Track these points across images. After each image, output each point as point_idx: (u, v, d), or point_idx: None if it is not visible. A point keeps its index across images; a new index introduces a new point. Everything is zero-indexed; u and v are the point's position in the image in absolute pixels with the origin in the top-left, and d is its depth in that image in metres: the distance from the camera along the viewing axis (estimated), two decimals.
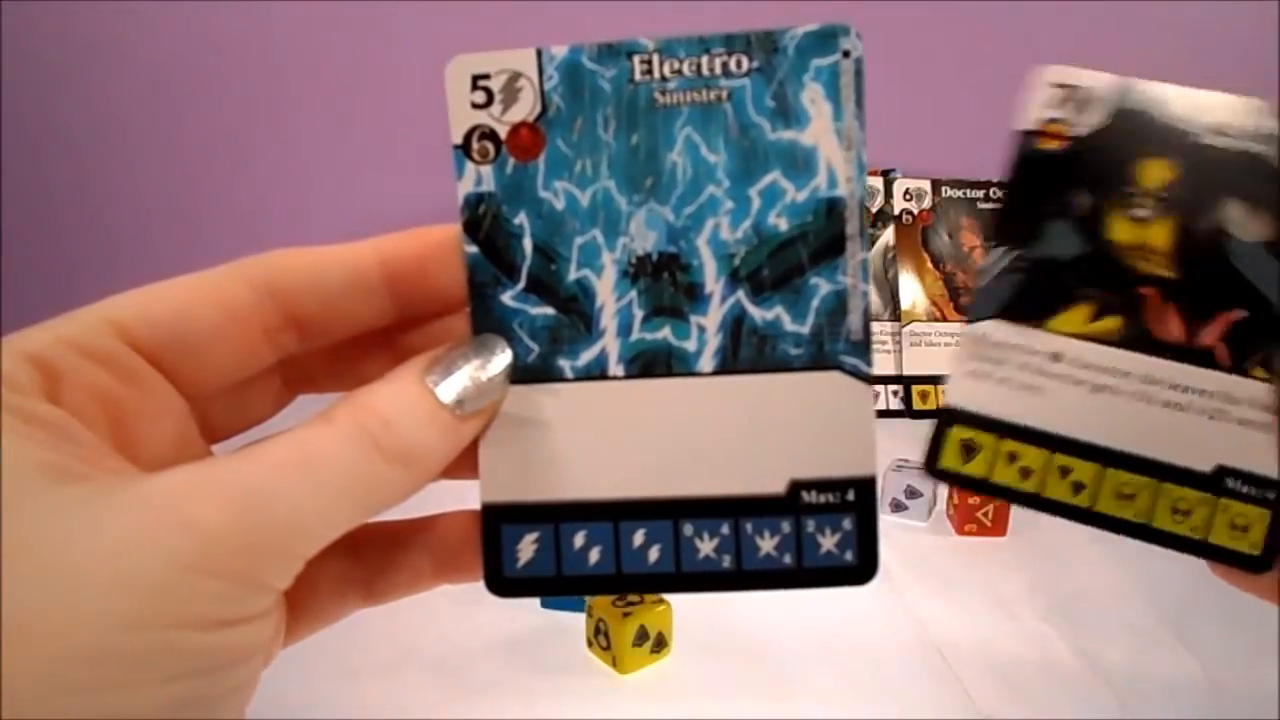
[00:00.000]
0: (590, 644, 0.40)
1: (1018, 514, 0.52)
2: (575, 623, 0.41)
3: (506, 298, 0.21)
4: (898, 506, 0.54)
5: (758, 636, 0.42)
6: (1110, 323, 0.23)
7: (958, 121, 0.79)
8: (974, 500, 0.52)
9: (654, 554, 0.21)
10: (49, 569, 0.14)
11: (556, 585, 0.21)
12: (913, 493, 0.54)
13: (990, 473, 0.23)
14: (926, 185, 0.76)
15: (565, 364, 0.21)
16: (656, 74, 0.21)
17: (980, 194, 0.77)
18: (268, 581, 0.16)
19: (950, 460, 0.24)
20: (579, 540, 0.21)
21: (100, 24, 0.72)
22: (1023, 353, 0.23)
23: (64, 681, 0.14)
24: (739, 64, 0.21)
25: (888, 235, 0.75)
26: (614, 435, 0.21)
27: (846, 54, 0.20)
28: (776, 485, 0.21)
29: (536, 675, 0.38)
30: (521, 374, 0.21)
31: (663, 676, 0.39)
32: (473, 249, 0.20)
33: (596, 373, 0.21)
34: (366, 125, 0.76)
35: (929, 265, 0.75)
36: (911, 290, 0.74)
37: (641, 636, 0.38)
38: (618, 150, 0.21)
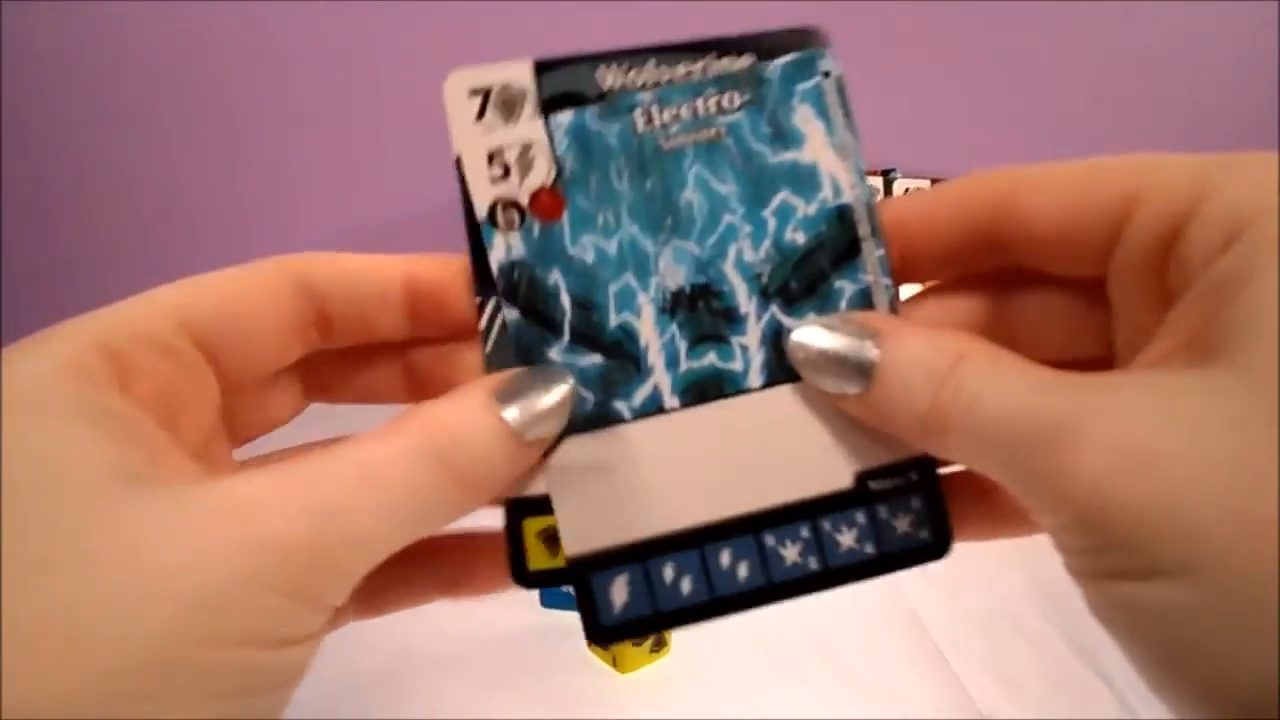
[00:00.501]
0: (590, 644, 0.40)
1: None
2: (575, 622, 0.41)
3: (554, 354, 0.21)
4: None
5: (757, 636, 0.42)
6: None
7: (958, 121, 0.79)
8: None
9: (743, 571, 0.22)
10: (116, 577, 0.13)
11: (655, 623, 0.22)
12: None
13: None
14: (926, 185, 0.76)
15: (622, 406, 0.21)
16: (657, 123, 0.22)
17: None
18: (328, 599, 0.16)
19: (538, 559, 0.22)
20: (669, 573, 0.22)
21: (100, 24, 0.72)
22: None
23: (118, 692, 0.13)
24: (731, 100, 0.22)
25: None
26: (681, 464, 0.21)
27: (827, 74, 0.22)
28: (844, 480, 0.21)
29: (536, 675, 0.38)
30: (582, 424, 0.21)
31: (663, 676, 0.39)
32: (514, 313, 0.21)
33: (653, 409, 0.21)
34: (363, 126, 0.76)
35: None
36: (912, 290, 0.74)
37: None
38: (635, 198, 0.22)
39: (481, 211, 0.21)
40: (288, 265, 0.19)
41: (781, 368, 0.21)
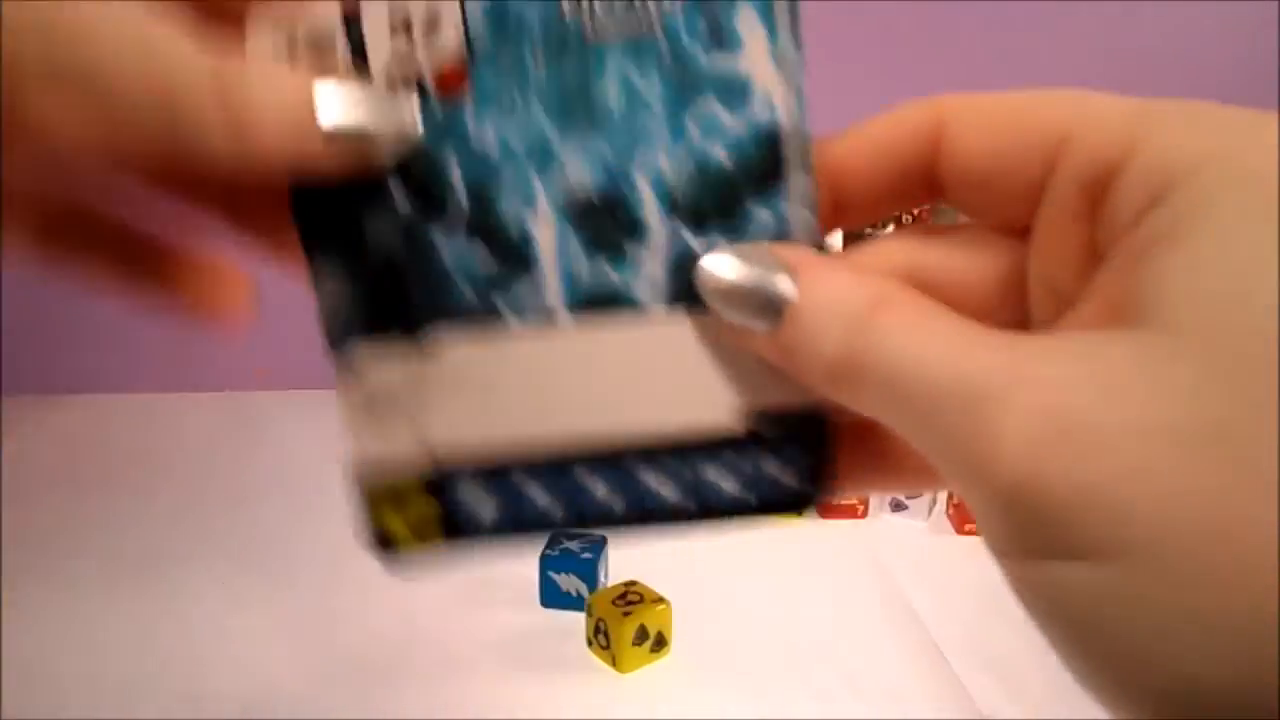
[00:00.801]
0: (590, 643, 0.40)
1: None
2: (575, 622, 0.41)
3: (443, 243, 0.20)
4: (898, 506, 0.54)
5: (758, 636, 0.42)
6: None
7: None
8: None
9: (617, 501, 0.21)
10: None
11: (516, 535, 0.21)
12: (913, 492, 0.54)
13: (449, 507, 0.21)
14: None
15: (509, 311, 0.20)
16: (586, 8, 0.19)
17: None
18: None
19: (394, 523, 0.21)
20: (538, 487, 0.21)
21: None
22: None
23: None
24: None
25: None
26: (564, 381, 0.20)
27: None
28: (732, 419, 0.20)
29: (536, 675, 0.38)
30: (466, 322, 0.20)
31: (662, 676, 0.39)
32: (405, 200, 0.19)
33: (541, 318, 0.20)
34: None
35: None
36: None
37: (641, 636, 0.38)
38: (549, 88, 0.19)
39: (377, 78, 0.19)
40: None
41: (682, 291, 0.20)
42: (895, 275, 0.17)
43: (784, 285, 0.17)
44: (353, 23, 0.19)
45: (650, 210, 0.20)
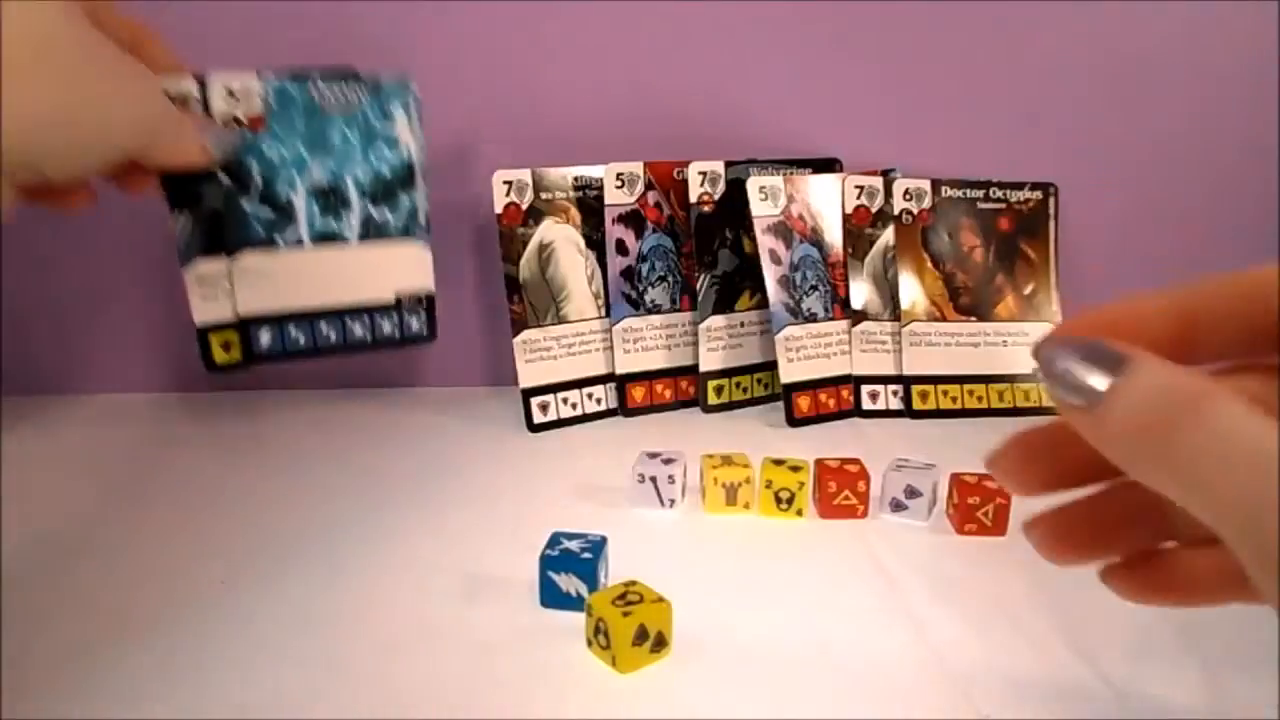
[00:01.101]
0: (590, 644, 0.40)
1: (1018, 514, 0.52)
2: (575, 622, 0.41)
3: (246, 205, 0.48)
4: (898, 506, 0.54)
5: (758, 636, 0.42)
6: None
7: (958, 121, 0.79)
8: (974, 500, 0.52)
9: (333, 335, 0.51)
10: None
11: (283, 358, 0.50)
12: (912, 492, 0.54)
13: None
14: (926, 185, 0.76)
15: (280, 240, 0.49)
16: (327, 97, 0.49)
17: (980, 194, 0.77)
18: None
19: (218, 353, 0.48)
20: (293, 329, 0.50)
21: None
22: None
23: None
24: (363, 93, 0.50)
25: (888, 235, 0.75)
26: (307, 275, 0.50)
27: (413, 93, 0.52)
28: (389, 295, 0.52)
29: (536, 675, 0.38)
30: (257, 247, 0.48)
31: (662, 676, 0.39)
32: (227, 181, 0.47)
33: (295, 243, 0.49)
34: None
35: (929, 265, 0.75)
36: (911, 290, 0.74)
37: (641, 636, 0.38)
38: (305, 131, 0.49)
39: (217, 119, 0.46)
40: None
41: (368, 234, 0.51)
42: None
43: (1100, 379, 0.19)
44: (203, 88, 0.46)
45: (354, 195, 0.50)
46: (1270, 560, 0.15)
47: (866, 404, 0.73)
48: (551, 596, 0.43)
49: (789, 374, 0.71)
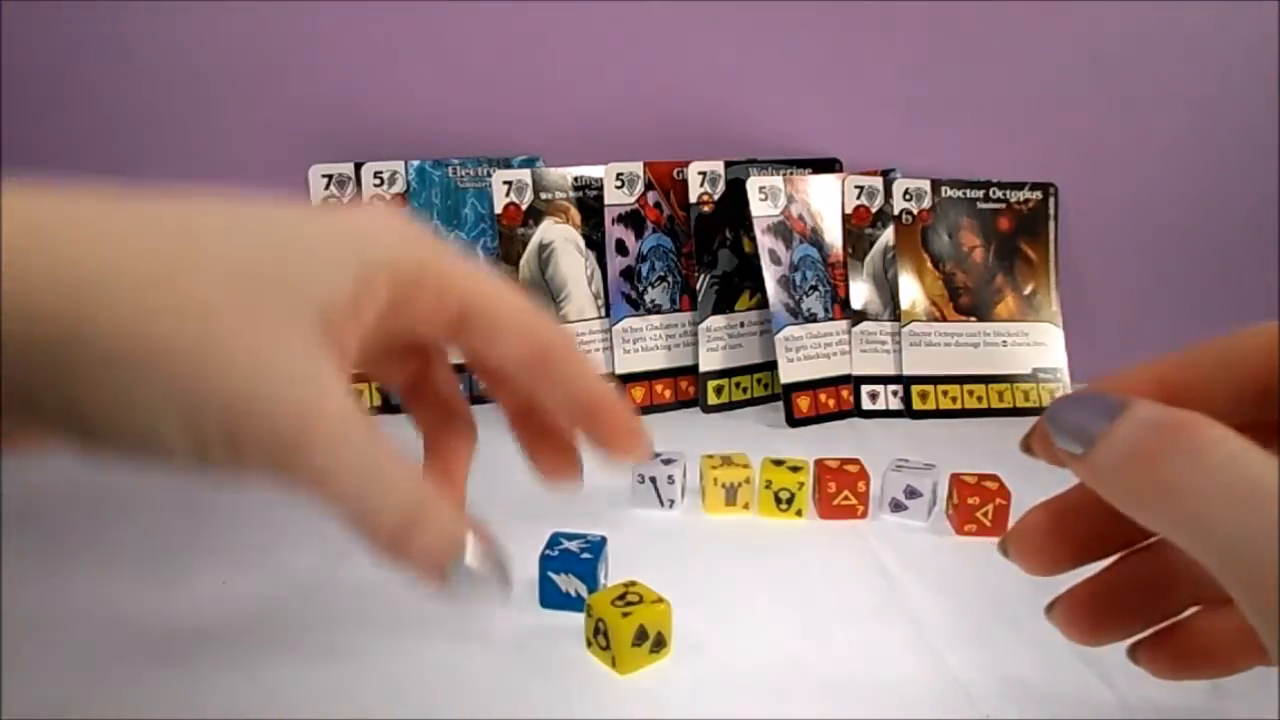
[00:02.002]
0: (589, 644, 0.40)
1: (1018, 514, 0.52)
2: (575, 623, 0.41)
3: None
4: (897, 506, 0.54)
5: (757, 636, 0.42)
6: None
7: (958, 121, 0.79)
8: (974, 500, 0.52)
9: None
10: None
11: None
12: (912, 492, 0.54)
13: None
14: (926, 185, 0.76)
15: None
16: (457, 174, 0.67)
17: (980, 194, 0.77)
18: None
19: None
20: None
21: (99, 23, 0.72)
22: None
23: None
24: (492, 170, 0.69)
25: (888, 235, 0.75)
26: None
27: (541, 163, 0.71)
28: None
29: (536, 675, 0.38)
30: None
31: (662, 676, 0.38)
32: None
33: None
34: (362, 126, 0.76)
35: (929, 265, 0.75)
36: (911, 290, 0.74)
37: (641, 636, 0.38)
38: (439, 204, 0.67)
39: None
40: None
41: None
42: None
43: (1100, 424, 0.19)
44: (357, 171, 0.67)
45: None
46: (1263, 593, 0.15)
47: (866, 404, 0.73)
48: (551, 597, 0.43)
49: (789, 374, 0.71)
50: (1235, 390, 0.20)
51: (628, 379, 0.72)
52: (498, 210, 0.67)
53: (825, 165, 0.76)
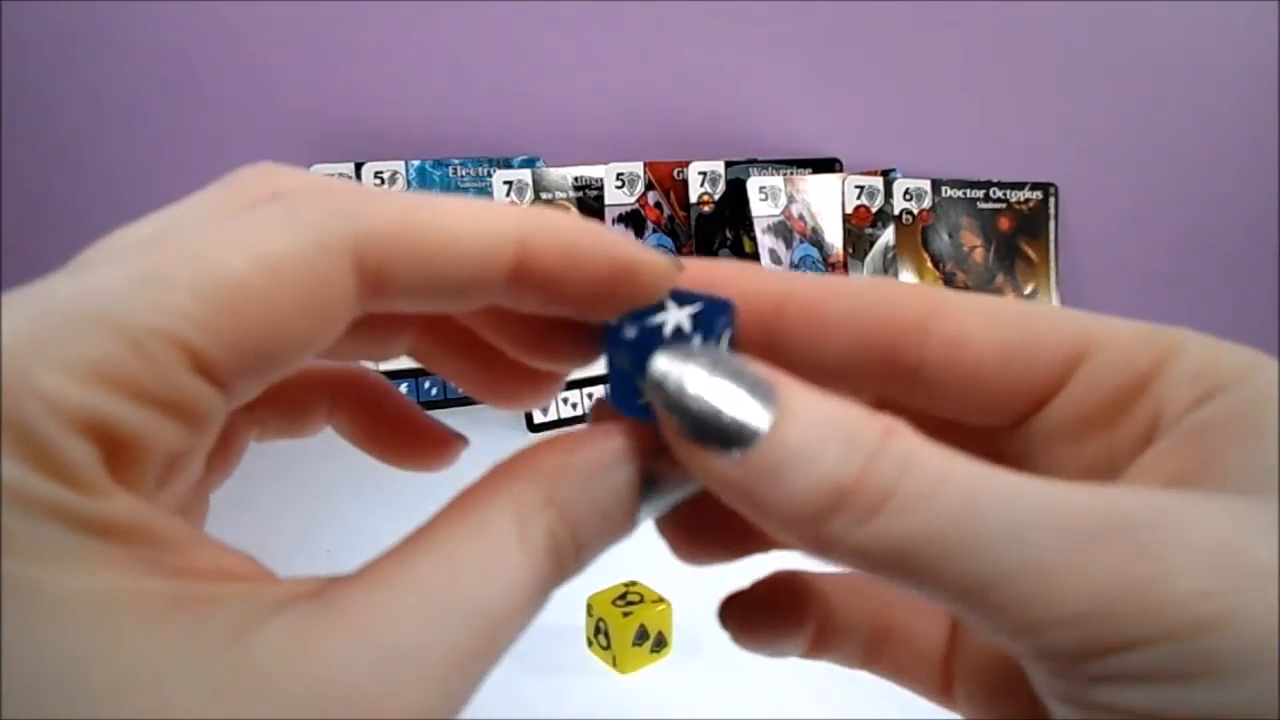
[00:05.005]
0: (590, 644, 0.40)
1: None
2: (575, 623, 0.41)
3: None
4: None
5: None
6: None
7: (958, 121, 0.79)
8: None
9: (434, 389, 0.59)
10: None
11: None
12: None
13: None
14: (926, 185, 0.76)
15: None
16: (457, 173, 0.58)
17: (980, 194, 0.77)
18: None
19: None
20: None
21: (100, 23, 0.72)
22: None
23: None
24: (493, 170, 0.62)
25: (888, 235, 0.75)
26: None
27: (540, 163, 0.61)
28: None
29: (536, 675, 0.38)
30: None
31: (663, 676, 0.38)
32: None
33: None
34: (364, 127, 0.76)
35: (929, 265, 0.75)
36: None
37: (641, 636, 0.38)
38: None
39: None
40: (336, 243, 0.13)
41: None
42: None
43: (759, 410, 0.13)
44: (358, 170, 0.61)
45: None
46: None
47: None
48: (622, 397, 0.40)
49: None
50: (871, 349, 0.16)
51: None
52: None
53: (825, 165, 0.76)
